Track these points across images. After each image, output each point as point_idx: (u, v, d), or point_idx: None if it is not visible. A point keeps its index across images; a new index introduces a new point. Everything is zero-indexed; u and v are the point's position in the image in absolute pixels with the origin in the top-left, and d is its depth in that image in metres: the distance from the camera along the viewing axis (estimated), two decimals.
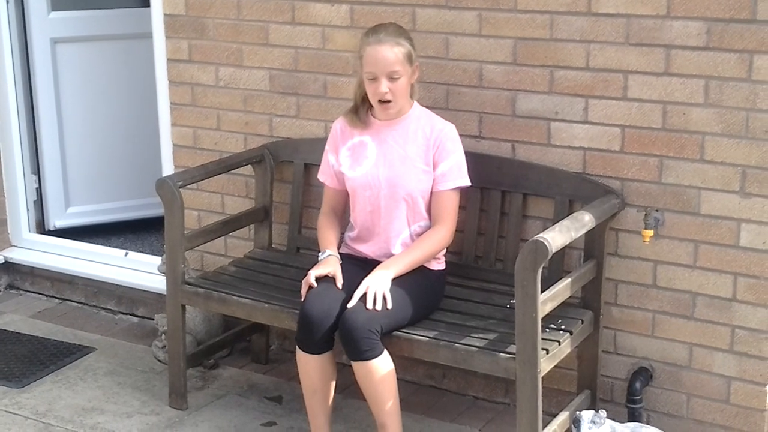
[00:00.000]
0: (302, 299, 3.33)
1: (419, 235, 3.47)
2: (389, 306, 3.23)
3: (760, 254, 3.31)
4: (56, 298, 4.94)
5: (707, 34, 3.24)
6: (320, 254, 3.49)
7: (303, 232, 4.10)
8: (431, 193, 3.45)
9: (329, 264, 3.40)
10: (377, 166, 3.47)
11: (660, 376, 3.56)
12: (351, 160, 3.53)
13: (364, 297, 3.23)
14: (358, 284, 3.29)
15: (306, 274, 3.39)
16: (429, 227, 3.47)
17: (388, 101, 3.38)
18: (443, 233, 3.43)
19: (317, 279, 3.35)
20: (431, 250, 3.42)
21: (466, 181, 3.46)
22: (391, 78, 3.34)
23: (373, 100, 3.42)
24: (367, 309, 3.19)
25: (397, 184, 3.44)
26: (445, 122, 3.48)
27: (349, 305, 3.24)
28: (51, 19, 5.11)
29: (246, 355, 4.28)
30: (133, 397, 3.98)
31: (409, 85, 3.42)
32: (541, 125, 3.59)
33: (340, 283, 3.34)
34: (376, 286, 3.24)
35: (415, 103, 3.51)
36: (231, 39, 4.17)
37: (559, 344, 3.25)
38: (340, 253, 3.51)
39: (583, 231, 3.29)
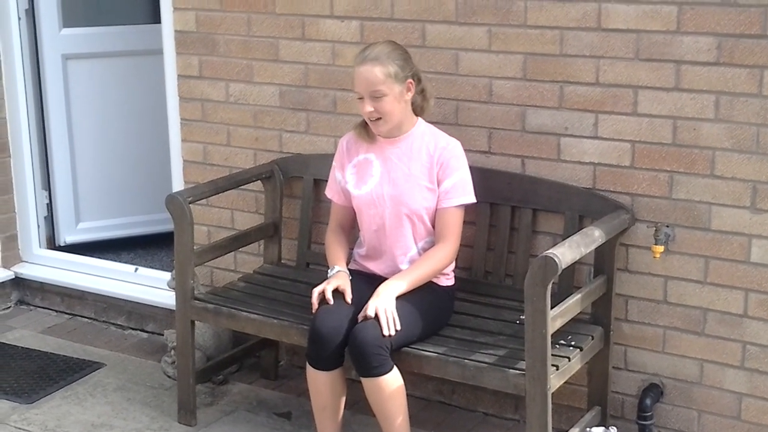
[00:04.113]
0: (313, 309, 3.33)
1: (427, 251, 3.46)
2: (398, 327, 3.22)
3: None
4: (66, 313, 4.95)
5: (717, 49, 3.24)
6: (329, 270, 3.48)
7: (312, 248, 4.10)
8: (435, 210, 3.44)
9: (339, 279, 3.40)
10: (381, 185, 3.47)
11: (671, 393, 3.54)
12: (356, 178, 3.52)
13: (373, 316, 3.22)
14: (368, 300, 3.28)
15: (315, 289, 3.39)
16: None
17: (377, 119, 3.38)
18: (447, 251, 3.41)
19: (323, 295, 3.35)
20: (434, 267, 3.41)
21: (471, 199, 3.45)
22: (374, 97, 3.33)
23: (365, 119, 3.43)
24: (383, 336, 3.18)
25: (401, 202, 3.43)
26: (449, 139, 3.47)
27: (359, 325, 3.23)
28: (62, 36, 5.14)
29: (255, 370, 4.28)
30: (143, 413, 3.98)
31: (403, 103, 3.38)
32: (551, 140, 3.59)
33: (349, 297, 3.33)
34: (385, 307, 3.23)
35: (420, 120, 3.50)
36: (241, 55, 4.18)
37: (569, 360, 3.24)
38: (349, 269, 3.51)
39: (593, 246, 3.28)
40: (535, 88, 3.57)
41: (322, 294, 3.35)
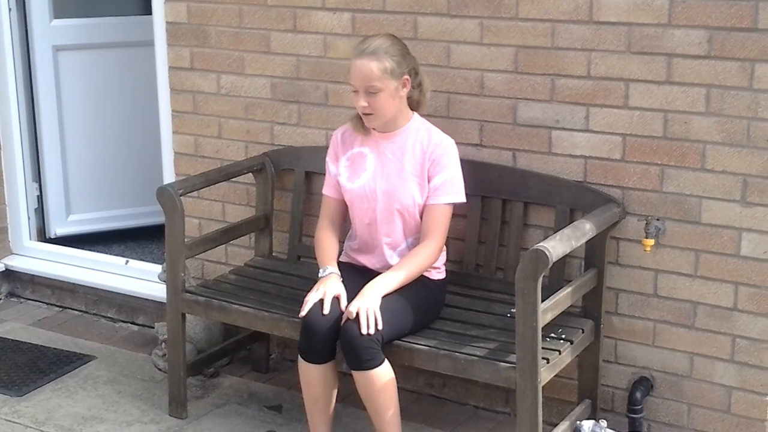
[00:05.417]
0: (301, 313, 3.29)
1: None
2: (380, 327, 3.19)
3: (761, 263, 3.30)
4: (57, 306, 4.94)
5: (709, 42, 3.24)
6: (321, 271, 3.43)
7: (303, 241, 4.09)
8: (424, 206, 3.43)
9: (333, 285, 3.33)
10: (374, 179, 3.46)
11: (661, 386, 3.55)
12: (349, 171, 3.51)
13: (354, 315, 3.20)
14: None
15: (310, 288, 3.36)
16: None
17: (369, 113, 3.37)
18: (431, 249, 3.39)
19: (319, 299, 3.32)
20: (419, 266, 3.38)
21: (460, 198, 3.43)
22: (369, 92, 3.32)
23: (358, 112, 3.42)
24: (362, 334, 3.16)
25: (393, 197, 3.42)
26: (443, 136, 3.46)
27: (343, 323, 3.22)
28: (53, 27, 5.12)
29: (246, 363, 4.27)
30: (133, 405, 3.97)
31: (398, 99, 3.36)
32: (542, 134, 3.58)
33: (344, 304, 3.28)
34: (367, 306, 3.20)
35: (415, 115, 3.49)
36: (233, 47, 4.17)
37: (560, 353, 3.24)
38: (340, 262, 3.50)
39: (584, 240, 3.28)
40: (527, 81, 3.57)
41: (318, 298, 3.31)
